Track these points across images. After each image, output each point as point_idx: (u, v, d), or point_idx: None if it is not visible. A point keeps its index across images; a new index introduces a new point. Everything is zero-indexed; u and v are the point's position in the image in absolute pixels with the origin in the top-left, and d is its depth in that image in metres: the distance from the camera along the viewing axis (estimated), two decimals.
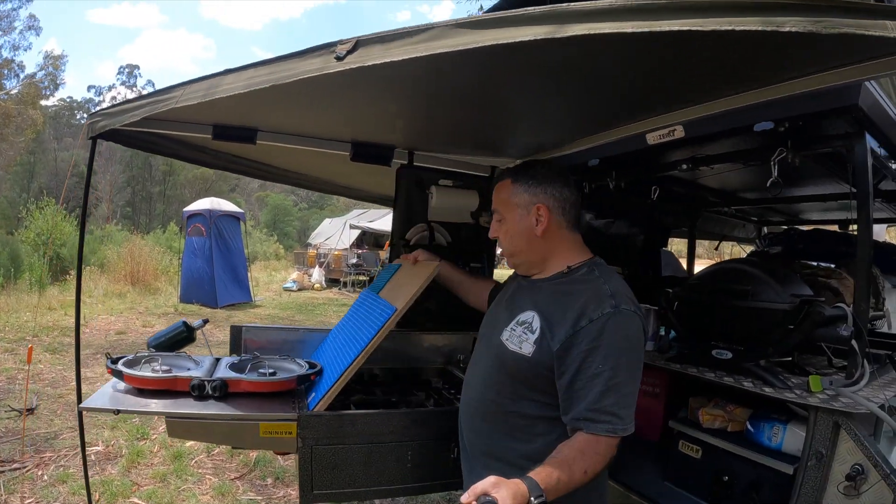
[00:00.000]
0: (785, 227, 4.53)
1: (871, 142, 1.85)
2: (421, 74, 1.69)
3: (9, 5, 25.87)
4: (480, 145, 2.89)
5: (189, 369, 2.25)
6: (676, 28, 1.09)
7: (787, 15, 1.02)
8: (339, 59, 1.40)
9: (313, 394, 2.17)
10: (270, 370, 2.22)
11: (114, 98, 43.82)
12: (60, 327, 8.87)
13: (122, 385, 2.15)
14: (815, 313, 1.92)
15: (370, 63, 1.35)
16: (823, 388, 1.83)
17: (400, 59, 1.32)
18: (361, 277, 17.85)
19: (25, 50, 30.59)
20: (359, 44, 1.38)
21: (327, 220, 25.22)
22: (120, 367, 2.15)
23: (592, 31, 1.13)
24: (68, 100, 44.82)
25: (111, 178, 36.48)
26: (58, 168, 32.66)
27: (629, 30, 1.13)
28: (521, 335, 1.63)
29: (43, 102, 29.51)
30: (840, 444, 1.68)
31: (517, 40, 1.18)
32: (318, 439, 1.95)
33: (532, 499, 1.27)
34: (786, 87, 1.64)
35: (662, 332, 2.68)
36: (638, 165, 2.63)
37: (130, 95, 43.28)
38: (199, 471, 4.19)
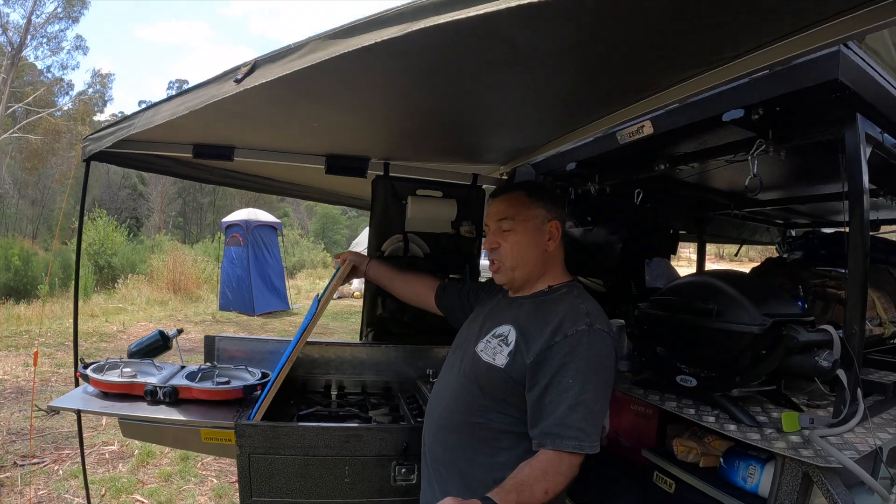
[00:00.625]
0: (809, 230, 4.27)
1: (867, 127, 1.56)
2: (385, 83, 1.70)
3: (56, 26, 27.01)
4: (459, 153, 2.85)
5: (152, 375, 2.36)
6: None
7: None
8: (237, 81, 1.45)
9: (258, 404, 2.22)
10: (223, 379, 2.29)
11: None
12: (99, 333, 9.24)
13: (91, 388, 2.28)
14: (787, 338, 1.68)
15: (257, 83, 1.41)
16: (801, 427, 1.59)
17: (280, 75, 1.35)
18: None
19: (73, 69, 32.16)
20: (256, 65, 1.43)
21: (367, 229, 25.35)
22: (89, 371, 2.28)
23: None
24: (119, 115, 46.39)
25: (162, 189, 37.70)
26: (110, 181, 33.97)
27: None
28: (496, 347, 1.65)
29: (95, 118, 30.83)
30: (813, 500, 1.48)
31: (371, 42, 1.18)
32: (254, 448, 1.98)
33: None
34: (750, 62, 1.40)
35: (636, 352, 2.54)
36: (616, 168, 2.52)
37: None
38: (203, 472, 4.33)
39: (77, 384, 2.69)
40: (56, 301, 12.04)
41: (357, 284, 17.84)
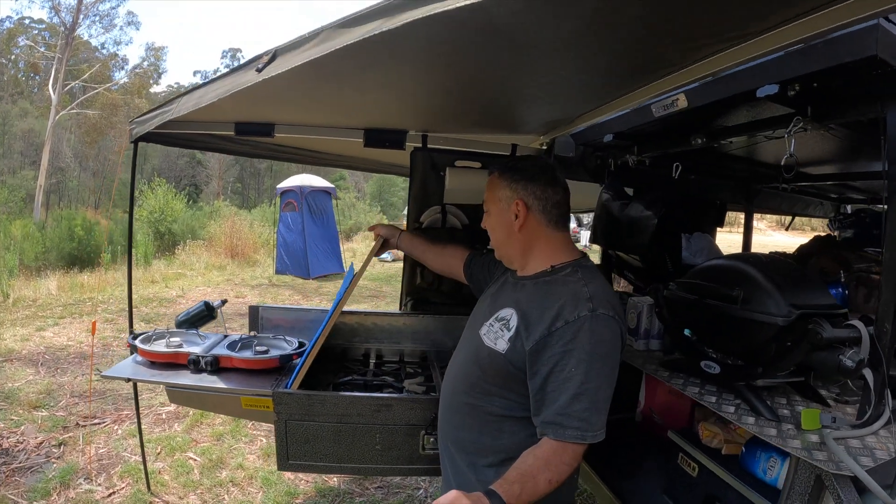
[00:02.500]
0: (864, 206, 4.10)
1: None
2: (423, 59, 1.72)
3: (107, 4, 28.07)
4: (497, 123, 2.85)
5: (197, 344, 2.53)
6: None
7: None
8: (258, 70, 1.52)
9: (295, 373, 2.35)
10: (262, 348, 2.43)
11: None
12: (159, 299, 9.64)
13: (140, 357, 2.48)
14: (811, 333, 1.57)
15: (275, 73, 1.47)
16: (823, 425, 1.51)
17: (296, 65, 1.41)
18: None
19: (127, 44, 33.30)
20: (276, 54, 1.50)
21: None
22: (137, 342, 2.48)
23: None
24: (176, 86, 47.74)
25: (220, 156, 38.71)
26: (168, 150, 35.18)
27: None
28: (498, 331, 1.64)
29: (151, 90, 31.98)
30: (825, 502, 1.42)
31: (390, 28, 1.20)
32: (290, 415, 2.12)
33: None
34: (784, 34, 1.35)
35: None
36: (652, 140, 2.52)
37: None
38: (254, 432, 4.55)
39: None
40: (118, 269, 12.58)
41: None
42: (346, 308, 2.65)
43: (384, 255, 17.71)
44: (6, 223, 15.22)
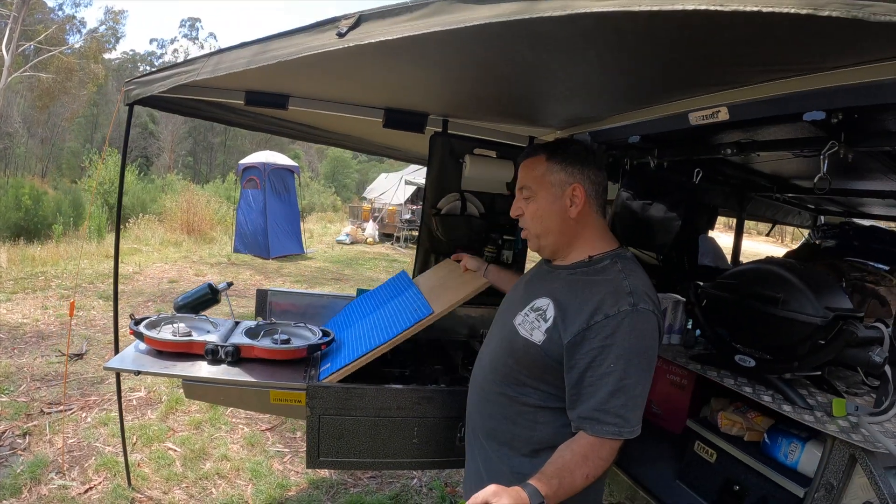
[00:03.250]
0: (842, 219, 4.35)
1: None
2: (453, 44, 1.63)
3: None
4: (518, 114, 2.81)
5: (208, 332, 2.37)
6: (691, 7, 0.99)
7: None
8: (340, 35, 1.40)
9: (328, 363, 2.24)
10: (284, 337, 2.29)
11: (175, 51, 45.46)
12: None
13: (143, 345, 2.29)
14: (847, 332, 1.77)
15: (368, 41, 1.35)
16: (847, 413, 1.73)
17: (397, 37, 1.29)
18: (415, 233, 17.84)
19: (86, 6, 32.16)
20: (361, 19, 1.38)
21: (383, 175, 25.41)
22: (141, 328, 2.28)
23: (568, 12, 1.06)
24: (131, 53, 46.41)
25: (173, 128, 37.67)
26: (120, 119, 34.19)
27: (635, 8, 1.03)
28: (534, 322, 1.59)
29: (106, 56, 30.85)
30: (854, 478, 1.59)
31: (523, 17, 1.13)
32: (326, 409, 2.02)
33: None
34: (835, 77, 1.49)
35: (689, 326, 2.58)
36: (680, 146, 2.54)
37: (192, 48, 44.49)
38: (233, 420, 4.36)
39: (116, 341, 2.69)
40: (70, 241, 12.10)
41: (371, 230, 18.01)
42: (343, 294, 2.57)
43: (341, 237, 17.58)
44: None
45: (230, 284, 2.70)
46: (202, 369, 2.16)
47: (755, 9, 0.96)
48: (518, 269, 3.27)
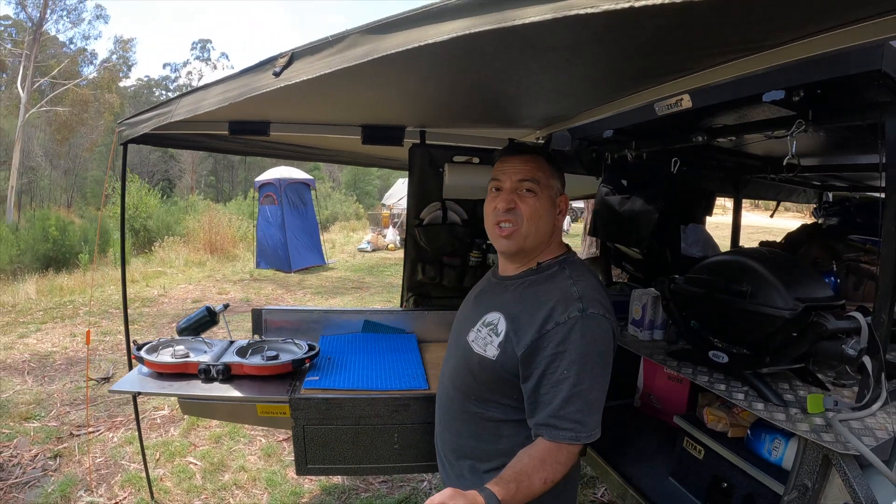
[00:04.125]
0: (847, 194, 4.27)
1: None
2: (422, 60, 1.64)
3: None
4: (494, 118, 2.87)
5: (204, 352, 2.52)
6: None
7: None
8: (276, 75, 1.49)
9: (316, 376, 2.37)
10: (272, 353, 2.43)
11: (189, 73, 46.39)
12: (141, 298, 9.56)
13: (145, 368, 2.45)
14: (816, 325, 1.70)
15: (297, 80, 1.44)
16: (826, 408, 1.67)
17: (320, 74, 1.38)
18: None
19: (96, 38, 33.30)
20: (293, 57, 1.47)
21: (401, 180, 25.52)
22: (142, 353, 2.45)
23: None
24: (146, 79, 47.37)
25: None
26: (140, 146, 35.15)
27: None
28: (487, 337, 1.60)
29: (121, 84, 31.68)
30: (831, 479, 1.53)
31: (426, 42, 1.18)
32: (308, 420, 2.14)
33: None
34: (793, 51, 1.40)
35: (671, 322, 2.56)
36: (652, 136, 2.56)
37: (205, 69, 45.27)
38: (252, 433, 4.54)
39: (129, 364, 2.86)
40: (97, 269, 12.46)
41: (391, 236, 18.16)
42: (347, 307, 2.67)
43: (363, 245, 17.74)
44: None
45: (227, 306, 2.84)
46: (196, 388, 2.30)
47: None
48: None
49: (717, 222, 5.49)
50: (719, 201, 4.38)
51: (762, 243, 3.33)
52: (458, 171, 3.05)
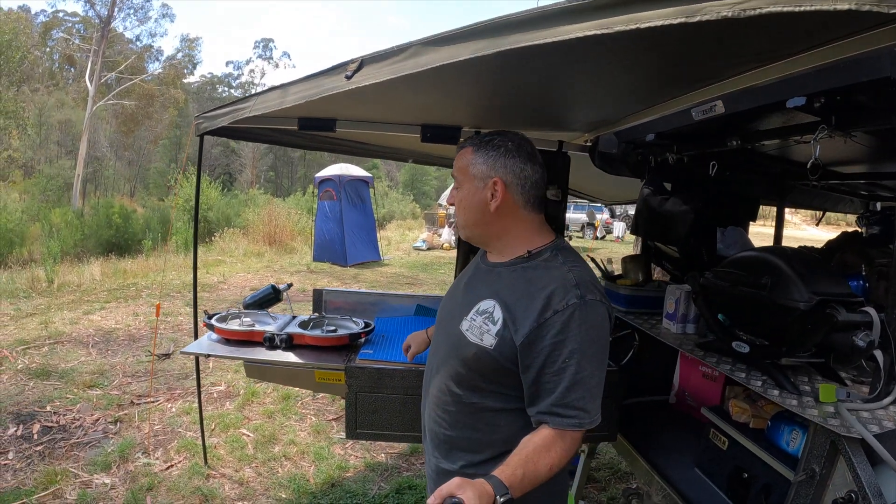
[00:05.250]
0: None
1: None
2: (482, 67, 1.81)
3: None
4: (545, 121, 3.05)
5: (268, 324, 2.81)
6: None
7: None
8: (347, 78, 1.74)
9: (370, 350, 2.62)
10: (331, 328, 2.70)
11: (252, 71, 47.59)
12: (202, 285, 10.03)
13: (215, 336, 2.76)
14: (828, 316, 1.75)
15: (366, 83, 1.69)
16: (837, 399, 1.69)
17: (386, 79, 1.63)
18: None
19: (161, 36, 34.60)
20: (363, 63, 1.71)
21: None
22: (213, 322, 2.76)
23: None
24: (209, 75, 48.80)
25: (254, 145, 39.43)
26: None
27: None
28: (482, 326, 1.56)
29: (185, 80, 32.96)
30: (839, 465, 1.56)
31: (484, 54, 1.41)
32: (361, 387, 2.39)
33: (498, 497, 1.29)
34: (808, 59, 1.51)
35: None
36: (691, 140, 2.68)
37: (267, 68, 46.54)
38: (303, 411, 4.88)
39: (196, 334, 3.16)
40: (158, 255, 13.09)
41: (447, 235, 18.41)
42: (401, 291, 2.91)
43: (418, 243, 18.06)
44: (45, 211, 15.80)
45: (290, 286, 3.14)
46: (261, 353, 2.59)
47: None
48: None
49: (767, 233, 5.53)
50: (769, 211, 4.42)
51: (799, 247, 3.42)
52: None
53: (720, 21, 1.11)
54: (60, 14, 29.78)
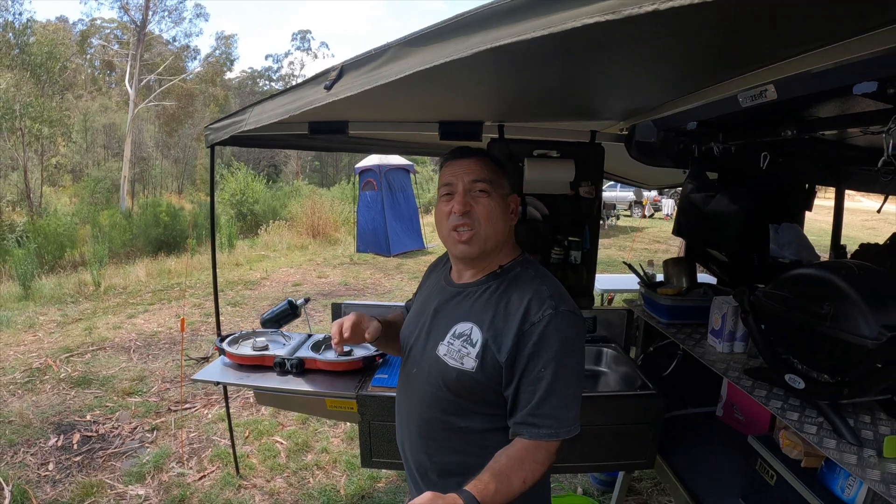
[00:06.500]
0: None
1: None
2: (499, 66, 1.69)
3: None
4: (576, 111, 2.81)
5: (283, 345, 2.71)
6: None
7: None
8: (327, 88, 1.56)
9: (385, 374, 2.48)
10: (347, 349, 2.55)
11: (291, 63, 48.21)
12: (244, 282, 10.09)
13: (227, 359, 2.67)
14: None
15: (345, 95, 1.51)
16: None
17: (365, 88, 1.45)
18: None
19: (197, 35, 35.37)
20: (343, 70, 1.53)
21: None
22: (224, 345, 2.68)
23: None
24: (249, 70, 49.57)
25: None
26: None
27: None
28: (461, 349, 1.54)
29: (226, 76, 33.64)
30: None
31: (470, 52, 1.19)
32: (374, 416, 2.25)
33: None
34: (881, 39, 1.28)
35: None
36: (739, 129, 2.44)
37: (307, 59, 47.07)
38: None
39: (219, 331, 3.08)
40: (204, 252, 13.28)
41: None
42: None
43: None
44: (94, 214, 16.21)
45: (308, 300, 3.00)
46: (272, 380, 2.48)
47: None
48: (588, 270, 3.27)
49: (824, 205, 5.17)
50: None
51: (862, 245, 3.06)
52: (537, 165, 3.03)
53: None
54: (97, 21, 30.54)
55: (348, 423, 4.56)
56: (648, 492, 3.65)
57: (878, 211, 4.10)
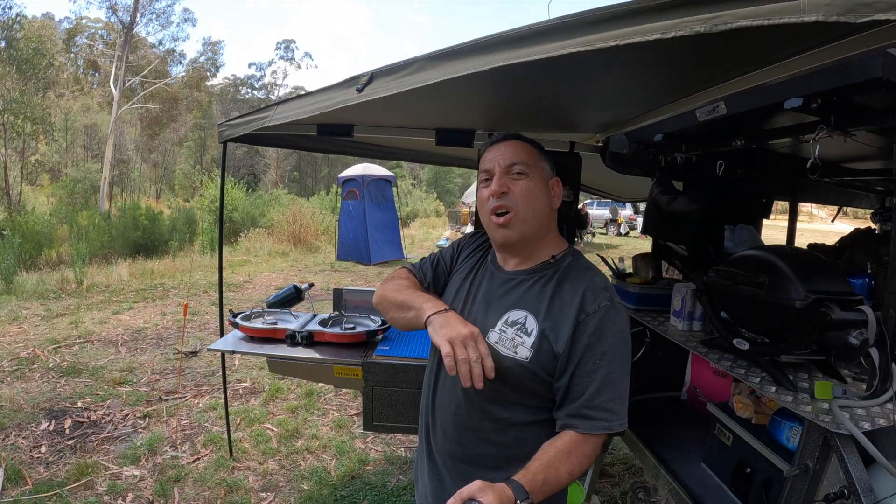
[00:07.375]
0: None
1: None
2: (494, 80, 1.99)
3: (163, 2, 29.57)
4: (558, 123, 3.15)
5: (290, 322, 2.96)
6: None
7: None
8: (358, 90, 1.86)
9: (387, 346, 2.77)
10: (350, 325, 2.85)
11: (274, 72, 48.33)
12: (227, 284, 10.22)
13: (240, 333, 2.92)
14: (822, 314, 1.77)
15: (376, 96, 1.81)
16: (834, 396, 1.72)
17: (394, 92, 1.75)
18: None
19: (184, 40, 35.32)
20: (373, 76, 1.83)
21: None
22: (238, 320, 2.93)
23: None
24: (232, 77, 49.35)
25: None
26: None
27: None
28: (515, 338, 1.50)
29: (209, 83, 33.67)
30: (831, 461, 1.60)
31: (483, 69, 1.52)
32: (377, 381, 2.53)
33: (518, 502, 1.27)
34: (805, 60, 1.56)
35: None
36: (698, 140, 2.74)
37: (290, 68, 47.01)
38: (326, 406, 5.05)
39: (222, 331, 3.33)
40: (185, 255, 13.41)
41: (471, 228, 18.51)
42: None
43: (441, 241, 18.18)
44: (73, 214, 16.21)
45: (311, 285, 3.30)
46: (283, 350, 2.75)
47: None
48: None
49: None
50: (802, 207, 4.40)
51: (810, 246, 3.46)
52: None
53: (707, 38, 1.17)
54: (84, 20, 30.44)
55: (336, 413, 4.84)
56: (620, 474, 3.95)
57: (833, 220, 4.50)
